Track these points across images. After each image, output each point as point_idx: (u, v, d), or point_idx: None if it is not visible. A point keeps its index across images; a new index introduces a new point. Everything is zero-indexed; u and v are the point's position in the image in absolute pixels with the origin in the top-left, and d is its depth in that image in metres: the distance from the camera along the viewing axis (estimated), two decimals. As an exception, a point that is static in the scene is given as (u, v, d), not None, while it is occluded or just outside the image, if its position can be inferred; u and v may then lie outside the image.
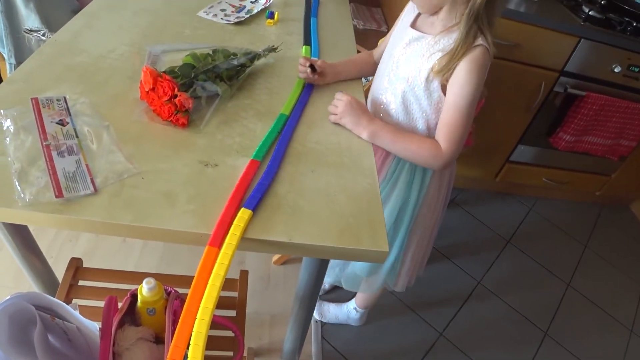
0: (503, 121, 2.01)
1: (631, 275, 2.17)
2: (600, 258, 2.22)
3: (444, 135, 0.91)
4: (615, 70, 1.86)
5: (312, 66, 0.99)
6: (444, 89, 0.91)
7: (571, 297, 1.96)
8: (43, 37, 1.46)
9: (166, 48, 0.95)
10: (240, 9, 1.32)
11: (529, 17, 1.70)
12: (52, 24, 1.46)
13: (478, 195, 2.37)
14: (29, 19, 1.44)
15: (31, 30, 1.45)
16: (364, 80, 1.20)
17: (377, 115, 1.04)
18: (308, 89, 1.00)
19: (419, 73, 0.93)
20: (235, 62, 0.91)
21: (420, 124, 1.00)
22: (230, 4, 1.34)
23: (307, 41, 1.21)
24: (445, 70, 0.88)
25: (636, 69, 1.88)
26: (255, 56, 1.00)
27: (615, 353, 1.79)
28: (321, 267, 0.85)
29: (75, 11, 1.54)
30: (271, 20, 1.29)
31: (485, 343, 1.69)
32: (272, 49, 1.06)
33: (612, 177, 2.33)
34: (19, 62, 1.50)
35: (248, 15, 1.28)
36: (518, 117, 2.00)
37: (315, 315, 1.58)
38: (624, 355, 1.79)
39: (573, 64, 1.84)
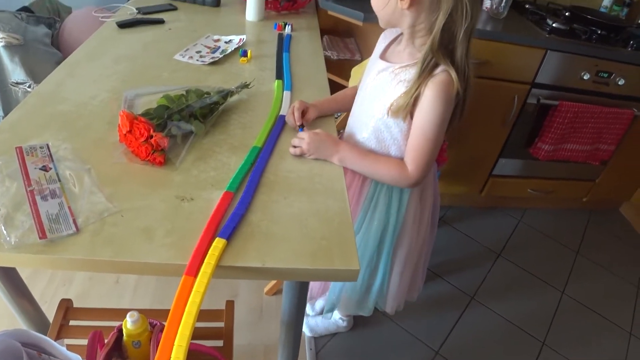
0: (481, 137, 2.06)
1: (625, 277, 2.19)
2: (593, 263, 2.24)
3: (411, 159, 0.96)
4: (585, 77, 1.93)
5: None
6: (412, 114, 0.95)
7: (567, 304, 1.97)
8: (29, 89, 1.52)
9: (141, 92, 0.99)
10: (215, 49, 1.38)
11: (496, 35, 1.78)
12: (37, 75, 1.51)
13: (465, 211, 2.41)
14: (15, 73, 1.50)
15: (17, 83, 1.50)
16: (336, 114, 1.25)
17: (356, 122, 1.09)
18: (280, 121, 1.04)
19: (387, 103, 0.97)
20: (208, 101, 0.96)
21: (393, 151, 1.03)
22: (205, 46, 1.40)
23: (279, 75, 1.26)
24: (402, 111, 0.93)
25: (605, 75, 1.94)
26: (228, 93, 1.05)
27: (616, 356, 1.79)
28: (301, 290, 0.88)
29: (59, 62, 1.60)
30: (244, 58, 1.35)
31: (483, 358, 1.69)
32: (245, 86, 1.12)
33: (596, 182, 2.38)
34: (6, 113, 1.54)
35: (222, 55, 1.34)
36: (495, 131, 2.05)
37: (307, 332, 1.60)
38: (625, 359, 1.79)
39: (543, 75, 1.90)
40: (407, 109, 0.92)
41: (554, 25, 1.90)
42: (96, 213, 0.77)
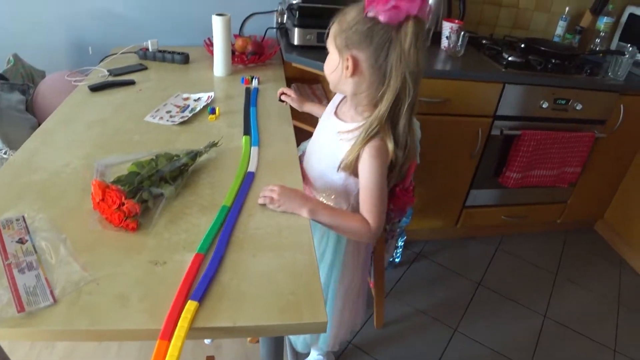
0: (451, 171, 2.13)
1: (605, 294, 2.24)
2: (573, 283, 2.29)
3: (367, 213, 1.02)
4: (544, 106, 2.03)
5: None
6: (355, 172, 1.04)
7: (550, 327, 2.01)
8: (4, 155, 1.54)
9: (110, 162, 1.03)
10: (184, 108, 1.44)
11: (455, 74, 1.87)
12: (12, 141, 1.54)
13: (443, 244, 2.45)
14: None
15: (-8, 150, 1.53)
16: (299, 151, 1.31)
17: (316, 176, 1.18)
18: (248, 179, 1.09)
19: (333, 156, 1.07)
20: (177, 164, 1.00)
21: (343, 200, 1.15)
22: (175, 105, 1.46)
23: (247, 131, 1.31)
24: (346, 168, 1.03)
25: (563, 102, 2.05)
26: (196, 154, 1.09)
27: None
28: (277, 342, 0.90)
29: (34, 127, 1.64)
30: (213, 116, 1.40)
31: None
32: (213, 145, 1.16)
33: (568, 203, 2.47)
34: (-19, 180, 1.57)
35: (192, 114, 1.39)
36: (464, 164, 2.12)
37: None
38: (611, 378, 1.82)
39: (503, 107, 2.00)
40: (350, 167, 1.03)
41: (509, 58, 2.00)
42: (72, 283, 0.79)
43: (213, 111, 1.40)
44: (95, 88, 1.56)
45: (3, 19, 1.94)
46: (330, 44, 1.02)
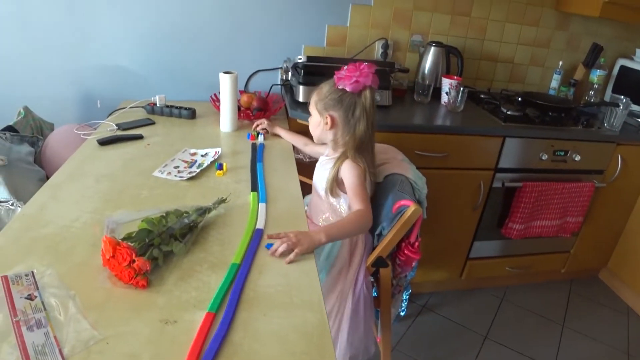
0: (454, 223, 2.15)
1: (613, 344, 2.20)
2: (580, 334, 2.25)
3: (359, 204, 1.28)
4: (543, 157, 2.07)
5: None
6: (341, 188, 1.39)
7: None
8: (12, 207, 1.55)
9: (121, 220, 1.04)
10: (192, 163, 1.46)
11: (456, 129, 1.92)
12: (20, 193, 1.56)
13: (448, 296, 2.43)
14: None
15: (0, 202, 1.54)
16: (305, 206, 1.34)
17: (318, 211, 1.50)
18: (257, 235, 1.10)
19: (323, 185, 1.42)
20: (186, 221, 1.01)
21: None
22: (182, 160, 1.48)
23: (254, 187, 1.34)
24: (332, 186, 1.39)
25: (562, 153, 2.09)
26: (205, 211, 1.10)
27: None
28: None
29: (42, 180, 1.66)
30: (220, 171, 1.42)
31: None
32: (222, 201, 1.18)
33: (571, 253, 2.47)
34: (-12, 232, 1.57)
35: (199, 170, 1.41)
36: (467, 216, 2.14)
37: None
38: None
39: (504, 160, 2.03)
40: (333, 184, 1.38)
41: (508, 112, 2.06)
42: (82, 342, 0.78)
43: (220, 167, 1.43)
44: (104, 142, 1.59)
45: (14, 70, 2.00)
46: (312, 109, 1.41)
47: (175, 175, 1.37)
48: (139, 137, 1.66)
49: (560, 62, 2.54)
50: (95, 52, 2.02)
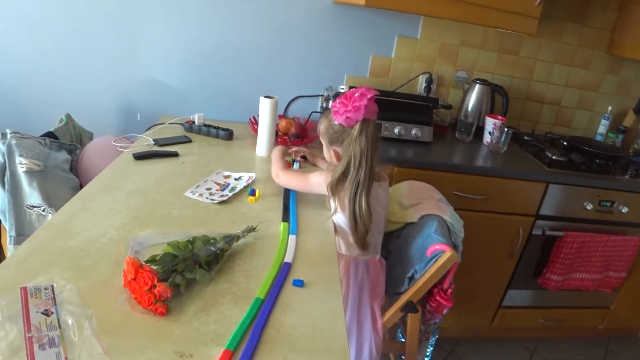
0: (488, 269, 2.05)
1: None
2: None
3: (288, 171, 1.45)
4: (588, 207, 1.97)
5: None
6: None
7: None
8: (43, 212, 1.56)
9: (146, 242, 1.02)
10: (224, 186, 1.44)
11: (496, 171, 1.85)
12: (52, 200, 1.57)
13: (477, 343, 2.31)
14: (32, 196, 1.55)
15: (32, 206, 1.55)
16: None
17: None
18: (284, 270, 1.05)
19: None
20: (213, 248, 0.97)
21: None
22: (215, 182, 1.46)
23: (285, 217, 1.29)
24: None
25: (608, 204, 1.98)
26: (234, 238, 1.07)
27: None
28: None
29: (75, 189, 1.67)
30: (253, 197, 1.39)
31: None
32: (251, 229, 1.14)
33: (610, 309, 2.32)
34: (18, 234, 1.58)
35: (231, 194, 1.38)
36: (502, 263, 2.04)
37: None
38: None
39: (546, 207, 1.94)
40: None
41: (553, 157, 1.97)
42: (93, 367, 0.75)
43: (253, 193, 1.40)
44: (140, 156, 1.58)
45: (59, 77, 2.05)
46: (322, 139, 1.41)
47: (207, 198, 1.34)
48: (175, 155, 1.65)
49: (610, 107, 2.45)
50: (139, 65, 2.06)
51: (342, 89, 1.76)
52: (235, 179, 1.50)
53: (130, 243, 1.01)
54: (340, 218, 1.35)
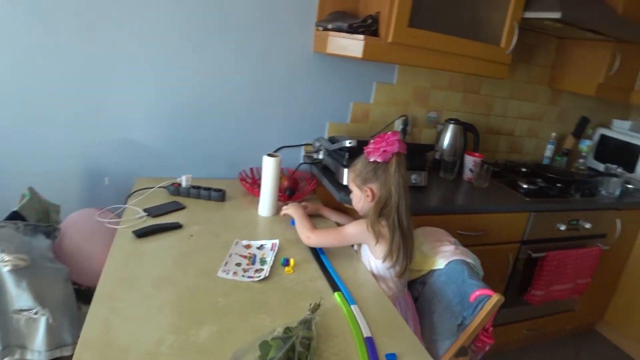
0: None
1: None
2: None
3: (322, 230, 1.50)
4: (561, 228, 2.16)
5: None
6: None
7: None
8: (35, 315, 1.34)
9: (246, 350, 0.91)
10: (252, 259, 1.35)
11: (491, 208, 1.97)
12: (45, 299, 1.35)
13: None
14: (20, 299, 1.31)
15: (21, 310, 1.33)
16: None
17: None
18: (371, 347, 1.01)
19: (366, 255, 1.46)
20: (307, 341, 0.91)
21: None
22: (240, 255, 1.37)
23: (333, 286, 1.26)
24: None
25: (575, 222, 2.20)
26: (309, 322, 1.00)
27: None
28: None
29: (67, 279, 1.46)
30: (289, 268, 1.32)
31: None
32: (317, 307, 1.08)
33: (576, 310, 2.57)
34: (5, 346, 1.33)
35: (264, 267, 1.31)
36: (495, 288, 2.11)
37: None
38: None
39: (529, 232, 2.09)
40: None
41: (525, 186, 2.16)
42: None
43: (287, 263, 1.33)
44: (142, 234, 1.44)
45: (13, 143, 1.77)
46: (352, 186, 1.49)
47: (243, 276, 1.25)
48: (177, 226, 1.52)
49: (553, 134, 2.69)
50: (105, 123, 1.85)
51: (350, 143, 1.72)
52: (258, 248, 1.42)
53: (232, 356, 0.91)
54: (377, 265, 1.41)
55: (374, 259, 1.42)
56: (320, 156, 1.97)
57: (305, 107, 2.09)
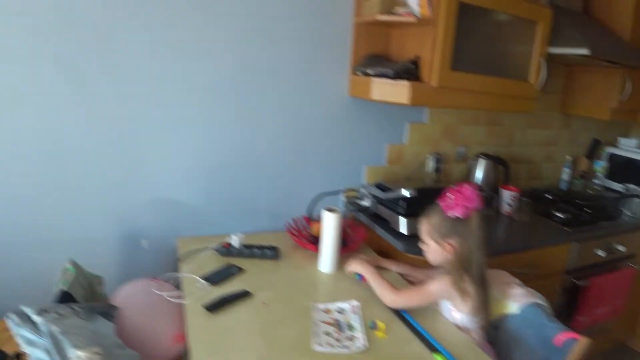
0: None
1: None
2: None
3: (404, 290, 1.46)
4: (600, 254, 2.20)
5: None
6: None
7: None
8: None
9: None
10: (339, 325, 1.31)
11: (540, 243, 2.00)
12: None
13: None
14: None
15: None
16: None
17: None
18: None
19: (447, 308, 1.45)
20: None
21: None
22: (324, 322, 1.32)
23: (430, 346, 1.24)
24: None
25: (610, 246, 2.25)
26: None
27: None
28: None
29: (138, 363, 1.37)
30: (379, 332, 1.29)
31: None
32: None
33: (610, 328, 2.55)
34: None
35: (355, 333, 1.28)
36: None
37: None
38: None
39: (571, 262, 2.13)
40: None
41: (561, 215, 2.21)
42: None
43: (375, 326, 1.30)
44: (212, 307, 1.38)
45: (44, 213, 1.68)
46: (428, 239, 1.46)
47: (339, 347, 1.21)
48: (246, 294, 1.46)
49: (569, 157, 2.76)
50: (140, 184, 1.79)
51: (409, 193, 1.72)
52: (338, 312, 1.38)
53: None
54: (462, 317, 1.40)
55: (456, 311, 1.40)
56: (366, 203, 1.95)
57: (341, 152, 2.09)
